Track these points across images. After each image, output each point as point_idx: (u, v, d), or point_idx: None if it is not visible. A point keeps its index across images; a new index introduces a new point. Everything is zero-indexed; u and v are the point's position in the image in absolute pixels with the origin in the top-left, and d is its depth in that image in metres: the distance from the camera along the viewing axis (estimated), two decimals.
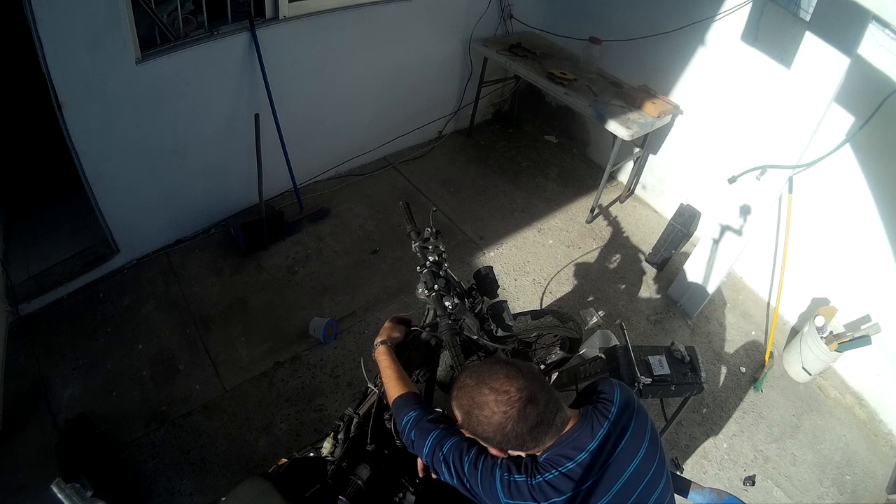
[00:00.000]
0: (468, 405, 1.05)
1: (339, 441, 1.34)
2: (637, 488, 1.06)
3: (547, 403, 1.03)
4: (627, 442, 1.08)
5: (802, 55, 2.12)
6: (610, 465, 1.05)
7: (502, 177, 3.75)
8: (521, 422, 1.01)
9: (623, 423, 1.09)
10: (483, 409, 1.02)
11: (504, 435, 1.02)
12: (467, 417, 1.05)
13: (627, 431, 1.09)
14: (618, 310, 2.96)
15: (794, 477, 2.40)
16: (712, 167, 3.19)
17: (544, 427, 1.03)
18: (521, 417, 1.00)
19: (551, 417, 1.04)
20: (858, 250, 2.67)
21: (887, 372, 2.66)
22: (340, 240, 3.08)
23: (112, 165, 2.39)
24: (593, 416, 1.09)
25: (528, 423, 1.01)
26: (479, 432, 1.05)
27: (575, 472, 1.02)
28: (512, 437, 1.02)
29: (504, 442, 1.03)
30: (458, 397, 1.07)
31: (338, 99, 3.14)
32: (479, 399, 1.03)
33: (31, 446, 2.03)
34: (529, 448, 1.05)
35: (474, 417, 1.04)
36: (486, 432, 1.03)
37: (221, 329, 2.54)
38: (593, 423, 1.07)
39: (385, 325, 1.50)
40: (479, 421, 1.03)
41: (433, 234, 1.59)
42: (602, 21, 3.47)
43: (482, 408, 1.02)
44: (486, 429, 1.03)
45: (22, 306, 2.39)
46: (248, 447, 2.13)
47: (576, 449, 1.04)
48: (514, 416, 1.00)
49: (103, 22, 2.03)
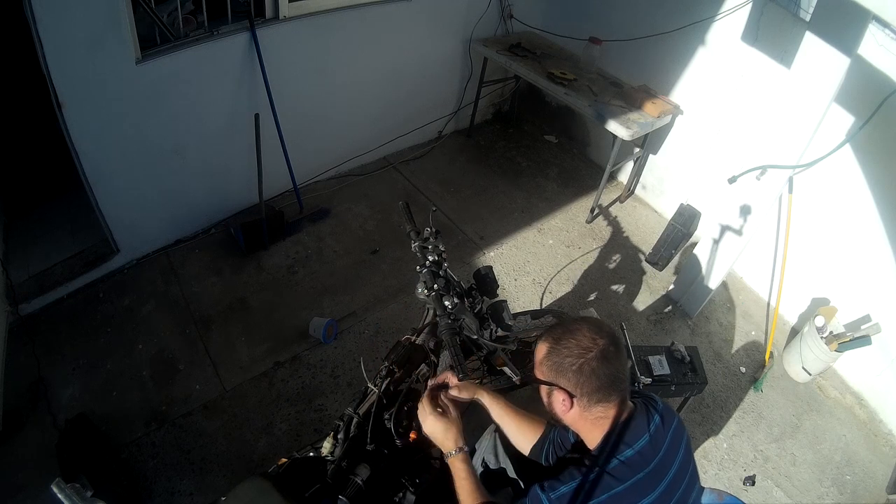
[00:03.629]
0: (559, 334, 1.08)
1: (339, 441, 1.34)
2: (678, 490, 1.09)
3: (624, 365, 1.07)
4: (670, 440, 1.10)
5: (802, 55, 2.12)
6: (660, 457, 1.07)
7: (502, 177, 3.75)
8: (602, 361, 1.03)
9: (668, 419, 1.13)
10: (575, 335, 1.06)
11: (582, 366, 1.04)
12: (554, 345, 1.07)
13: (671, 428, 1.12)
14: (618, 310, 2.96)
15: (794, 477, 2.40)
16: (712, 167, 3.19)
17: (617, 383, 1.05)
18: (604, 357, 1.03)
19: (624, 378, 1.07)
20: (858, 250, 2.67)
21: (887, 372, 2.66)
22: (340, 240, 3.08)
23: (112, 165, 2.39)
24: (647, 405, 1.12)
25: (607, 368, 1.03)
26: (557, 362, 1.06)
27: (634, 459, 1.04)
28: (587, 373, 1.03)
29: (580, 374, 1.04)
30: (550, 330, 1.11)
31: (338, 99, 3.14)
32: (573, 327, 1.08)
33: (31, 446, 2.03)
34: (593, 399, 1.05)
35: (562, 344, 1.06)
36: (566, 361, 1.05)
37: (221, 329, 2.54)
38: (647, 411, 1.11)
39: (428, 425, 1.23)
40: (565, 346, 1.06)
41: (433, 234, 1.59)
42: (602, 21, 3.47)
43: (574, 334, 1.06)
44: (568, 358, 1.05)
45: (22, 306, 2.39)
46: (248, 447, 2.13)
47: (636, 435, 1.06)
48: (598, 352, 1.03)
49: (103, 22, 2.03)
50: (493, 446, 1.57)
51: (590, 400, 1.06)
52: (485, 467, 1.59)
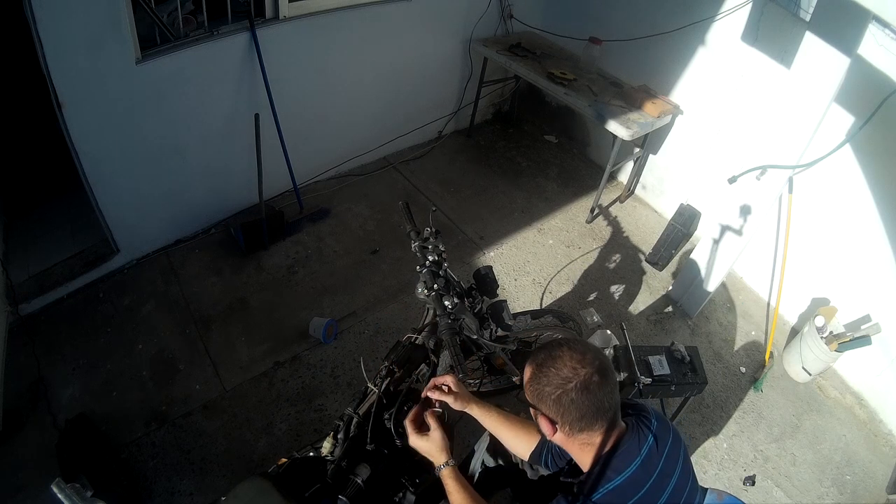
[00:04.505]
0: (542, 359, 1.06)
1: (339, 441, 1.34)
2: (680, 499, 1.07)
3: (611, 392, 1.03)
4: (666, 458, 1.08)
5: (802, 55, 2.12)
6: (655, 478, 1.05)
7: (502, 177, 3.75)
8: (584, 392, 1.01)
9: (662, 436, 1.10)
10: (555, 362, 1.04)
11: (560, 396, 1.02)
12: (536, 371, 1.06)
13: (667, 445, 1.09)
14: (618, 310, 2.96)
15: (794, 477, 2.40)
16: (712, 167, 3.19)
17: (601, 412, 1.03)
18: (585, 388, 1.01)
19: (609, 406, 1.03)
20: (858, 250, 2.67)
21: (887, 372, 2.66)
22: (340, 240, 3.08)
23: (112, 165, 2.39)
24: (639, 427, 1.09)
25: (589, 399, 1.01)
26: (538, 389, 1.05)
27: (624, 486, 1.02)
28: (566, 403, 1.02)
29: (559, 405, 1.03)
30: (535, 354, 1.09)
31: (338, 99, 3.14)
32: (555, 353, 1.06)
33: (31, 446, 2.03)
34: (575, 427, 1.04)
35: (543, 371, 1.05)
36: (546, 389, 1.03)
37: (221, 329, 2.54)
38: (640, 434, 1.08)
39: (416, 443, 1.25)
40: (546, 374, 1.04)
41: (433, 233, 1.60)
42: (602, 21, 3.47)
43: (555, 361, 1.04)
44: (547, 387, 1.03)
45: (22, 306, 2.39)
46: (248, 447, 2.13)
47: (625, 462, 1.04)
48: (578, 383, 1.01)
49: (103, 22, 2.03)
50: (493, 446, 1.57)
51: (571, 428, 1.04)
52: (484, 467, 1.59)
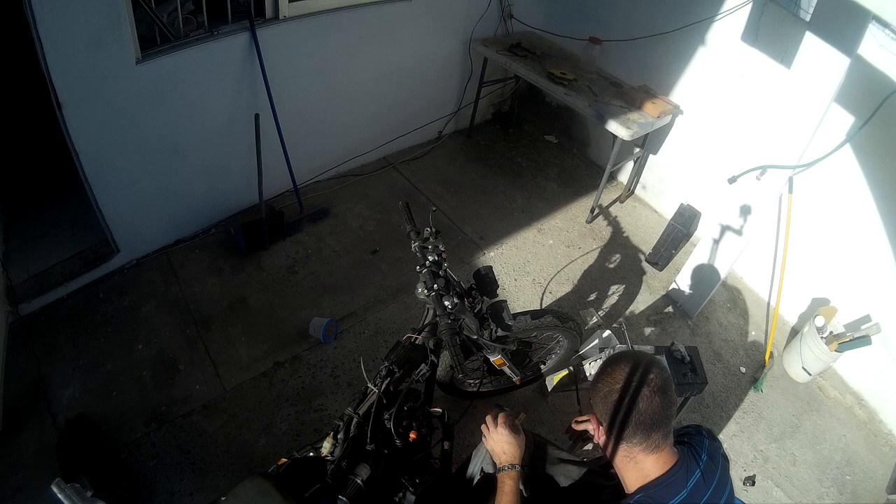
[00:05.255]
0: (609, 361, 1.16)
1: (339, 441, 1.34)
2: None
3: (659, 409, 1.06)
4: (713, 492, 1.10)
5: (802, 55, 2.12)
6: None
7: (502, 177, 3.75)
8: (630, 397, 1.06)
9: (710, 471, 1.12)
10: (618, 365, 1.11)
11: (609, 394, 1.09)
12: (600, 370, 1.15)
13: (714, 479, 1.12)
14: (618, 310, 2.96)
15: (794, 477, 2.40)
16: (712, 167, 3.19)
17: (642, 425, 1.05)
18: (633, 393, 1.06)
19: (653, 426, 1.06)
20: (858, 250, 2.67)
21: (887, 372, 2.66)
22: (340, 240, 3.08)
23: (112, 165, 2.39)
24: (688, 460, 1.11)
25: (634, 404, 1.05)
26: (594, 385, 1.13)
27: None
28: (612, 402, 1.08)
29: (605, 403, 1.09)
30: (604, 362, 1.19)
31: (338, 99, 3.14)
32: (622, 359, 1.13)
33: (31, 446, 2.03)
34: (614, 431, 1.08)
35: (605, 370, 1.13)
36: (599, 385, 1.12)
37: (221, 329, 2.54)
38: (688, 467, 1.10)
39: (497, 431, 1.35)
40: (604, 373, 1.12)
41: (433, 233, 1.60)
42: (602, 21, 3.47)
43: (618, 364, 1.12)
44: (601, 384, 1.11)
45: (22, 306, 2.39)
46: (248, 447, 2.13)
47: (670, 492, 1.06)
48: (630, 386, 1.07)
49: (103, 22, 2.03)
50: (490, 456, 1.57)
51: (610, 431, 1.10)
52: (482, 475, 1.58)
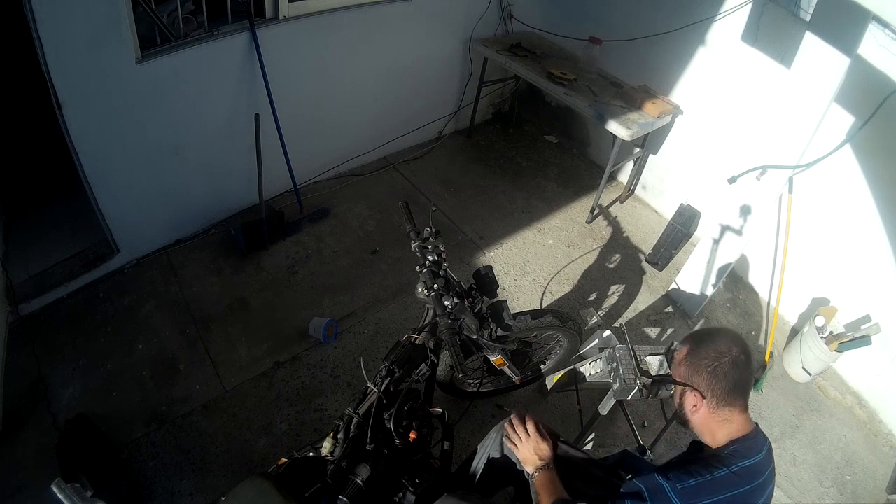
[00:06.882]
0: (699, 338, 1.24)
1: (339, 441, 1.34)
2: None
3: (752, 375, 1.21)
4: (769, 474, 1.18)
5: (802, 55, 2.12)
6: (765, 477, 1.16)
7: (502, 177, 3.75)
8: (734, 367, 1.16)
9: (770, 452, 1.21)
10: (714, 341, 1.21)
11: (716, 369, 1.17)
12: (695, 347, 1.23)
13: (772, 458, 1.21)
14: (618, 310, 2.96)
15: (794, 477, 2.40)
16: (712, 167, 3.19)
17: (743, 389, 1.18)
18: (735, 363, 1.16)
19: (749, 387, 1.20)
20: (858, 250, 2.67)
21: (887, 372, 2.66)
22: (340, 240, 3.08)
23: (112, 165, 2.39)
24: (761, 430, 1.22)
25: (737, 374, 1.16)
26: (694, 363, 1.20)
27: (754, 468, 1.14)
28: (719, 375, 1.16)
29: (713, 376, 1.17)
30: (692, 335, 1.28)
31: (338, 99, 3.14)
32: (711, 333, 1.25)
33: (31, 446, 2.03)
34: (722, 401, 1.17)
35: (702, 347, 1.21)
36: (703, 363, 1.18)
37: (221, 329, 2.54)
38: (764, 435, 1.21)
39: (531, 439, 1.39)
40: (703, 349, 1.20)
41: (433, 234, 1.60)
42: (602, 21, 3.47)
43: (714, 339, 1.21)
44: (705, 360, 1.18)
45: (22, 306, 2.39)
46: (248, 447, 2.13)
47: (755, 449, 1.16)
48: (731, 357, 1.16)
49: (103, 22, 2.03)
50: (498, 445, 1.57)
51: (718, 402, 1.17)
52: (488, 465, 1.59)
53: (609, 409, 1.85)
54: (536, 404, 2.44)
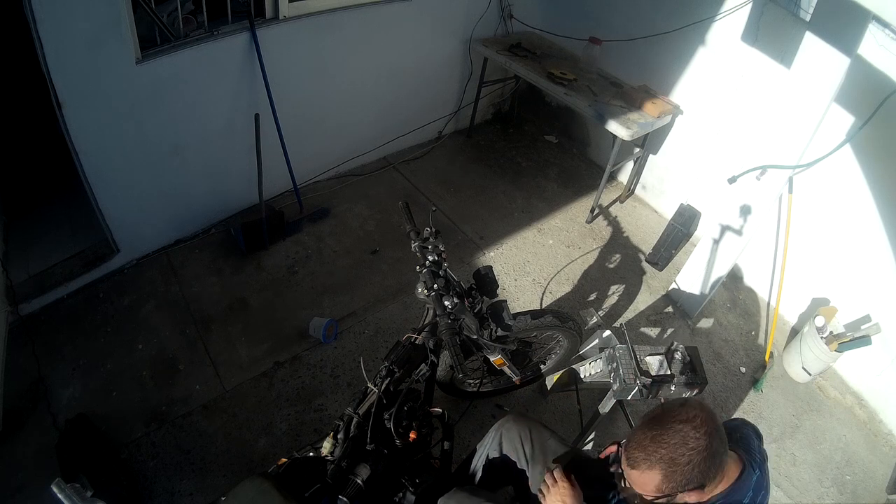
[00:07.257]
0: (667, 453, 1.02)
1: (339, 441, 1.34)
2: None
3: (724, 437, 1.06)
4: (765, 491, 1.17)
5: (802, 55, 2.12)
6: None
7: (502, 177, 3.75)
8: (714, 440, 1.02)
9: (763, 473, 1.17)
10: (687, 442, 1.01)
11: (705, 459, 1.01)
12: (671, 466, 1.02)
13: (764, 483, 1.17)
14: (618, 310, 2.96)
15: (794, 477, 2.40)
16: (712, 167, 3.19)
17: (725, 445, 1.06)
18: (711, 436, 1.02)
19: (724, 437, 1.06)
20: (858, 250, 2.67)
21: (887, 372, 2.66)
22: (340, 240, 3.08)
23: (112, 165, 2.39)
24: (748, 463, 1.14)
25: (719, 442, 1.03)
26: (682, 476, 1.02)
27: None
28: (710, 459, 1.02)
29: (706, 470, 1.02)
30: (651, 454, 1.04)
31: (338, 99, 3.14)
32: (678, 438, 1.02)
33: (31, 446, 2.03)
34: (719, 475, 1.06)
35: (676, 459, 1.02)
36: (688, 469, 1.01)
37: (221, 329, 2.54)
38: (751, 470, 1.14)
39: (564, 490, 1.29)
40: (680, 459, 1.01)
41: (433, 234, 1.60)
42: (602, 21, 3.47)
43: (685, 442, 1.01)
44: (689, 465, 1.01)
45: (22, 306, 2.39)
46: (248, 447, 2.13)
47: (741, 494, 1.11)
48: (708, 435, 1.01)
49: (103, 22, 2.03)
50: (497, 445, 1.57)
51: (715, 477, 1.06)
52: (487, 465, 1.59)
53: (609, 409, 1.85)
54: (536, 404, 2.44)
